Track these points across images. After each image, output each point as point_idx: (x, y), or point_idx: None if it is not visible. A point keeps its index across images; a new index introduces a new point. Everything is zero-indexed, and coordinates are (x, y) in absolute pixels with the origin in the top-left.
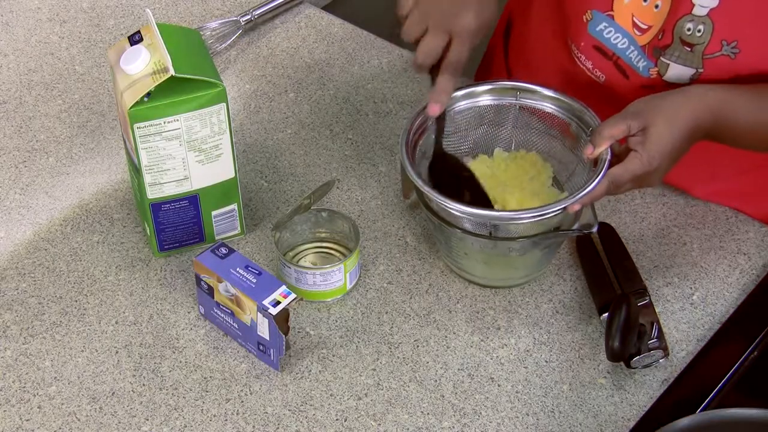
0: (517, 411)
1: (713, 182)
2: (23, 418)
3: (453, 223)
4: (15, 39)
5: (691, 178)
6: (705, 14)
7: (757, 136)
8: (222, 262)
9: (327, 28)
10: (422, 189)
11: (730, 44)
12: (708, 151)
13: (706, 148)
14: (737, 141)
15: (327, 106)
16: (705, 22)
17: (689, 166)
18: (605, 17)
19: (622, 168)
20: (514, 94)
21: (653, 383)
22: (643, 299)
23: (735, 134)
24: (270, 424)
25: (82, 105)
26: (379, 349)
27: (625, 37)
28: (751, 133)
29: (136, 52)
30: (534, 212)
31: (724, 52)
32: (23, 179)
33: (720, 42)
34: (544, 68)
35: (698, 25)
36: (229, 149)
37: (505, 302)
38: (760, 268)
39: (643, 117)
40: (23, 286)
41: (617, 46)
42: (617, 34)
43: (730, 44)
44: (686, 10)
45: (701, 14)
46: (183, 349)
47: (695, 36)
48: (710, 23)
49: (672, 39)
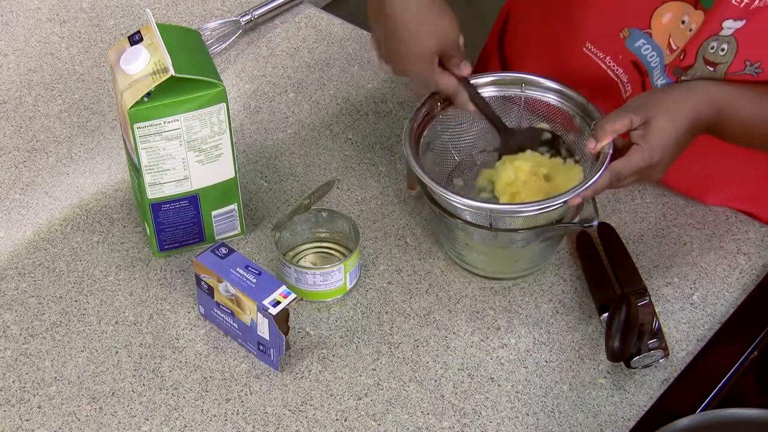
0: (517, 411)
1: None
2: (23, 418)
3: (455, 214)
4: (15, 39)
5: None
6: (730, 34)
7: (758, 132)
8: (222, 262)
9: (327, 28)
10: (424, 180)
11: (754, 64)
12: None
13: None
14: (738, 137)
15: (327, 106)
16: (729, 41)
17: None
18: (643, 34)
19: (624, 161)
20: (519, 85)
21: (653, 383)
22: (643, 299)
23: (736, 129)
24: (270, 424)
25: (82, 105)
26: (379, 349)
27: (659, 56)
28: (752, 129)
29: (136, 52)
30: (535, 205)
31: (747, 71)
32: (23, 179)
33: (744, 62)
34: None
35: (722, 44)
36: (229, 149)
37: (505, 302)
38: (760, 268)
39: (645, 110)
40: (23, 286)
41: (650, 64)
42: (653, 52)
43: (754, 64)
44: (714, 31)
45: (727, 34)
46: (183, 349)
47: (718, 55)
48: (735, 43)
49: (695, 60)
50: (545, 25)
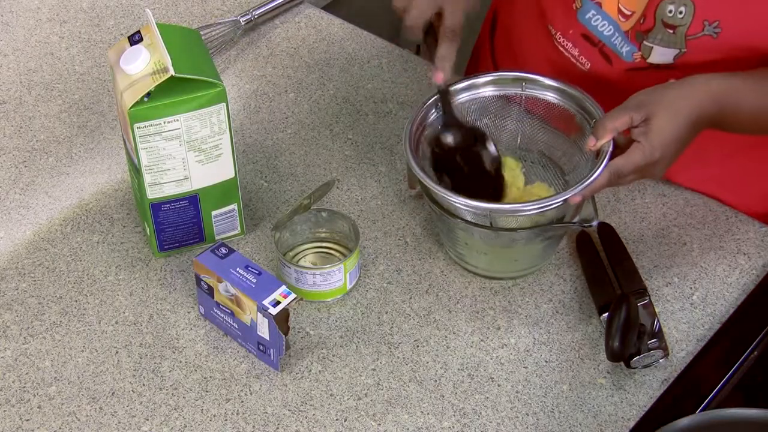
0: (517, 411)
1: (696, 168)
2: (23, 418)
3: (455, 213)
4: (15, 39)
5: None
6: None
7: (761, 121)
8: (222, 262)
9: (327, 28)
10: (424, 181)
11: (712, 24)
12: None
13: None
14: (741, 127)
15: (327, 106)
16: (686, 3)
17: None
18: (593, 5)
19: (624, 159)
20: (520, 84)
21: (653, 383)
22: (643, 299)
23: (739, 120)
24: (270, 424)
25: (82, 105)
26: (379, 349)
27: (611, 24)
28: (755, 119)
29: (136, 52)
30: (535, 204)
31: (707, 32)
32: (23, 179)
33: (702, 22)
34: (529, 61)
35: (679, 6)
36: (229, 149)
37: (505, 302)
38: (760, 268)
39: (645, 108)
40: (23, 286)
41: (603, 33)
42: (604, 21)
43: (712, 24)
44: None
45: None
46: (183, 349)
47: (677, 18)
48: (691, 4)
49: (654, 22)
50: (521, 13)
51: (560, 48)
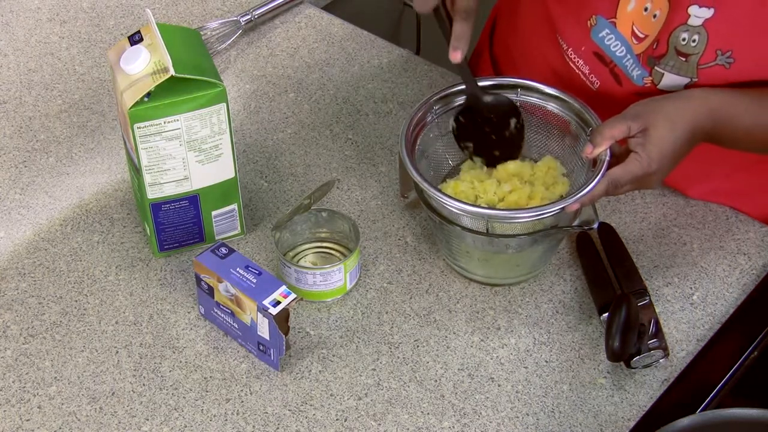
0: (517, 411)
1: (708, 181)
2: (23, 418)
3: (451, 219)
4: (15, 39)
5: (686, 178)
6: (700, 24)
7: (757, 138)
8: (222, 262)
9: (327, 28)
10: (422, 185)
11: (725, 54)
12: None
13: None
14: (737, 143)
15: (327, 106)
16: (700, 32)
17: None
18: (608, 24)
19: (621, 169)
20: (515, 91)
21: (653, 383)
22: (643, 299)
23: (735, 136)
24: (270, 424)
25: (82, 105)
26: (379, 349)
27: (623, 45)
28: (751, 136)
29: (136, 52)
30: (532, 212)
31: (719, 61)
32: (23, 179)
33: (715, 52)
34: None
35: (693, 35)
36: (229, 149)
37: (505, 302)
38: (760, 268)
39: (643, 119)
40: (23, 286)
41: (615, 54)
42: (617, 41)
43: (725, 54)
44: (681, 20)
45: (696, 24)
46: (183, 349)
47: (690, 46)
48: (705, 33)
49: (667, 49)
50: (526, 20)
51: (570, 64)
